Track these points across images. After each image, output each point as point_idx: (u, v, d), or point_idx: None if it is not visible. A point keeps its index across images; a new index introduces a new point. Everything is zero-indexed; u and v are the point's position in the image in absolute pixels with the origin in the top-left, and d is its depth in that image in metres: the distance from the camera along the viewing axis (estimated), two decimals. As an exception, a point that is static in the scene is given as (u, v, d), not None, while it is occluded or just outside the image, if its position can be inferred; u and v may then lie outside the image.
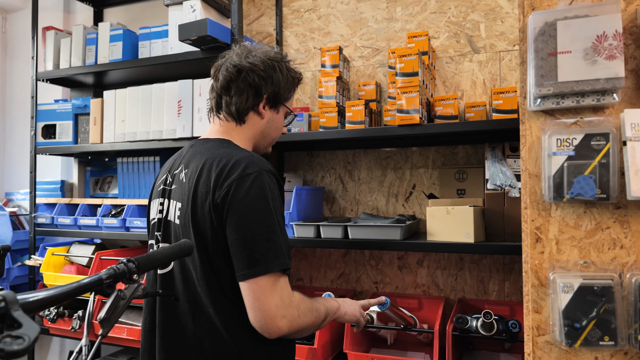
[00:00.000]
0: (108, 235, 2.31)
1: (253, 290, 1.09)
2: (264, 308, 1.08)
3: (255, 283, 1.09)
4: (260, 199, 1.13)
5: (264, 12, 2.53)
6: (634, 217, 1.07)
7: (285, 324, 1.10)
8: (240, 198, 1.12)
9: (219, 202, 1.14)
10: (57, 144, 2.56)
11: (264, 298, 1.08)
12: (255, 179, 1.14)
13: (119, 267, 0.93)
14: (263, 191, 1.14)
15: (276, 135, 1.41)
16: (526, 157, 1.16)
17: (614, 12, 1.05)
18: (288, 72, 1.37)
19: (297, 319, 1.12)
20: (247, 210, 1.12)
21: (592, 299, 1.06)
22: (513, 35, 2.04)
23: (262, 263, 1.09)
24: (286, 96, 1.38)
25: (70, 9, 3.04)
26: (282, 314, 1.09)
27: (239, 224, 1.11)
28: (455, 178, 2.06)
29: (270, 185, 1.16)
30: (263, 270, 1.09)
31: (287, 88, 1.37)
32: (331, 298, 1.39)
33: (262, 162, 1.19)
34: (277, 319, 1.09)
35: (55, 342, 2.94)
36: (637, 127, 1.03)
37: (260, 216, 1.12)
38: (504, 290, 2.04)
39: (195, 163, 1.24)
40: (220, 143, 1.28)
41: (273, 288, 1.09)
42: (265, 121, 1.35)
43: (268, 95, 1.32)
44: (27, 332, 0.60)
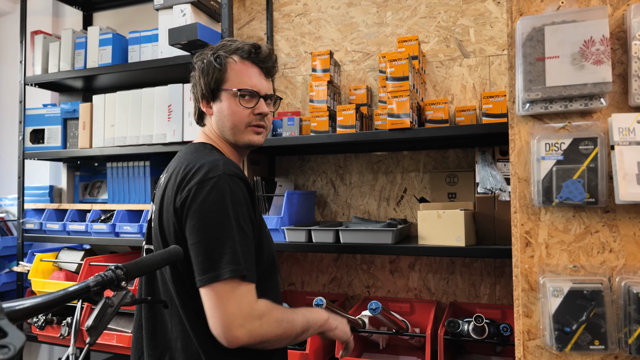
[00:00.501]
0: (97, 240, 2.29)
1: (210, 297, 1.06)
2: (220, 316, 1.05)
3: (211, 289, 1.06)
4: (218, 204, 1.10)
5: (254, 16, 2.52)
6: (622, 221, 1.08)
7: (244, 333, 1.05)
8: (198, 203, 1.10)
9: (179, 207, 1.13)
10: (45, 148, 2.54)
11: (220, 305, 1.05)
12: (216, 184, 1.11)
13: (107, 275, 0.91)
14: (222, 196, 1.11)
15: (235, 121, 1.28)
16: (515, 162, 1.17)
17: (601, 18, 1.06)
18: (214, 59, 1.28)
19: (258, 329, 1.07)
20: (204, 215, 1.10)
21: (582, 303, 1.06)
22: (502, 40, 2.06)
23: (214, 269, 1.06)
24: (218, 81, 1.28)
25: (59, 13, 3.02)
26: (240, 323, 1.05)
27: (195, 228, 1.10)
28: (446, 182, 2.07)
29: (232, 189, 1.13)
30: (215, 277, 1.05)
31: (213, 75, 1.28)
32: (320, 309, 1.31)
33: (226, 166, 1.16)
34: (234, 328, 1.04)
35: (44, 349, 2.90)
36: (625, 132, 1.03)
37: (216, 221, 1.09)
38: (495, 293, 2.05)
39: (172, 167, 1.25)
40: (198, 147, 1.28)
41: (230, 295, 1.05)
42: (213, 117, 1.31)
43: (200, 96, 1.31)
44: (12, 341, 0.59)
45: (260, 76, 1.32)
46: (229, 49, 1.30)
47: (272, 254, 1.30)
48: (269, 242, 1.30)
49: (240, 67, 1.29)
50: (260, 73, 1.32)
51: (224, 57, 1.29)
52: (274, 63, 1.36)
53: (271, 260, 1.28)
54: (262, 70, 1.33)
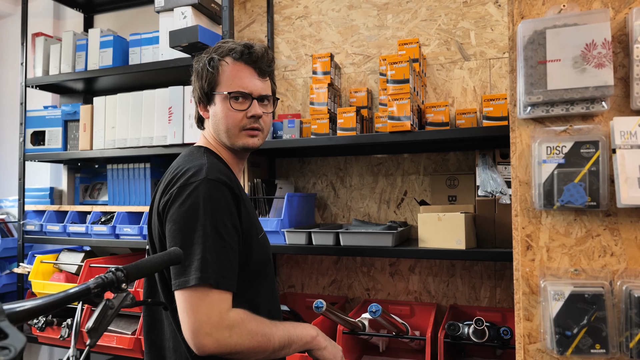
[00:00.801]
0: (98, 242, 2.29)
1: (180, 302, 1.06)
2: (188, 322, 1.04)
3: (182, 295, 1.06)
4: (194, 209, 1.09)
5: (255, 18, 2.53)
6: (624, 225, 1.07)
7: (211, 342, 1.03)
8: (175, 207, 1.11)
9: (161, 210, 1.15)
10: (46, 150, 2.54)
11: (189, 311, 1.04)
12: (195, 189, 1.11)
13: (107, 276, 0.91)
14: (198, 201, 1.10)
15: (228, 124, 1.26)
16: (516, 165, 1.16)
17: (603, 21, 1.06)
18: (207, 62, 1.28)
19: (227, 339, 1.05)
20: (179, 221, 1.10)
21: (583, 306, 1.06)
22: (503, 43, 2.06)
23: (183, 275, 1.06)
24: (211, 85, 1.28)
25: (60, 15, 3.02)
26: (207, 331, 1.03)
27: (171, 233, 1.10)
28: (446, 184, 2.07)
29: (212, 195, 1.11)
30: (183, 283, 1.05)
31: (207, 78, 1.27)
32: (310, 326, 1.24)
33: (211, 171, 1.15)
34: (201, 336, 1.03)
35: (44, 350, 2.89)
36: (626, 135, 1.03)
37: (189, 226, 1.08)
38: (496, 296, 2.04)
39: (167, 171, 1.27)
40: (192, 151, 1.29)
41: (200, 302, 1.04)
42: (210, 120, 1.32)
43: (197, 99, 1.33)
44: (13, 343, 0.59)
45: (253, 77, 1.28)
46: (221, 51, 1.28)
47: (264, 258, 1.28)
48: (263, 246, 1.28)
49: (232, 68, 1.27)
50: (253, 73, 1.29)
51: (217, 59, 1.27)
52: (268, 62, 1.32)
53: (262, 264, 1.26)
54: (256, 70, 1.29)
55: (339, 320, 1.64)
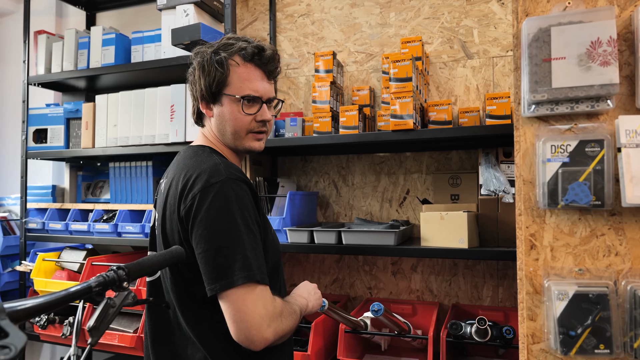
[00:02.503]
0: (100, 240, 2.29)
1: (230, 304, 1.04)
2: (247, 319, 1.03)
3: (231, 295, 1.04)
4: (223, 210, 1.08)
5: (257, 16, 2.52)
6: (628, 224, 1.07)
7: (271, 333, 1.05)
8: (203, 210, 1.08)
9: (183, 216, 1.12)
10: (48, 148, 2.54)
11: (245, 309, 1.03)
12: (219, 190, 1.09)
13: (109, 275, 0.91)
14: (227, 201, 1.08)
15: (237, 127, 1.24)
16: (520, 164, 1.16)
17: (608, 18, 1.05)
18: (214, 58, 1.22)
19: (281, 326, 1.08)
20: (210, 223, 1.07)
21: (587, 306, 1.05)
22: (506, 41, 2.05)
23: (226, 277, 1.04)
24: (220, 84, 1.23)
25: (62, 13, 3.02)
26: (268, 323, 1.05)
27: (202, 237, 1.08)
28: (449, 183, 2.06)
29: (237, 194, 1.10)
30: (228, 284, 1.04)
31: (215, 76, 1.22)
32: (298, 295, 1.30)
33: (228, 171, 1.13)
34: (263, 329, 1.04)
35: (46, 348, 2.90)
36: (632, 134, 1.02)
37: (223, 228, 1.07)
38: (498, 295, 2.04)
39: (172, 173, 1.23)
40: (197, 151, 1.25)
41: (253, 297, 1.05)
42: (214, 120, 1.27)
43: (199, 96, 1.26)
44: (13, 342, 0.59)
45: (263, 80, 1.26)
46: (231, 50, 1.23)
47: (277, 255, 1.29)
48: (274, 243, 1.29)
49: (242, 70, 1.23)
50: (263, 76, 1.26)
51: (225, 58, 1.22)
52: (277, 65, 1.30)
53: (275, 261, 1.27)
54: (265, 73, 1.27)
55: (341, 319, 1.63)
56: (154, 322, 1.25)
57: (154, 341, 1.25)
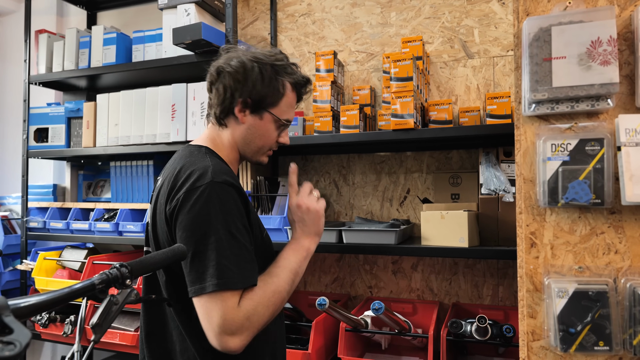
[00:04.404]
0: (101, 239, 2.29)
1: (199, 308, 1.06)
2: (210, 328, 1.04)
3: (199, 301, 1.05)
4: (203, 214, 1.07)
5: (258, 16, 2.53)
6: (628, 223, 1.07)
7: (237, 340, 1.04)
8: (184, 213, 1.08)
9: (169, 216, 1.12)
10: (49, 147, 2.54)
11: (208, 317, 1.04)
12: (202, 193, 1.08)
13: (112, 272, 0.91)
14: (208, 205, 1.07)
15: (263, 144, 1.30)
16: (521, 162, 1.16)
17: (609, 18, 1.06)
18: (275, 76, 1.25)
19: (249, 327, 1.06)
20: (189, 227, 1.08)
21: (587, 304, 1.06)
22: (507, 41, 2.06)
23: (198, 282, 1.05)
24: (270, 101, 1.26)
25: (63, 12, 3.02)
26: (231, 331, 1.04)
27: (182, 239, 1.08)
28: (449, 183, 2.06)
29: (221, 198, 1.09)
30: (200, 290, 1.04)
31: (271, 92, 1.25)
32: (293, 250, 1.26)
33: (216, 174, 1.11)
34: (225, 339, 1.03)
35: (47, 347, 2.90)
36: (632, 133, 1.03)
37: (202, 232, 1.06)
38: (498, 294, 2.04)
39: (167, 172, 1.22)
40: (193, 151, 1.24)
41: (216, 306, 1.04)
42: (244, 127, 1.27)
43: (243, 99, 1.24)
44: (18, 338, 0.59)
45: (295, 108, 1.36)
46: (291, 75, 1.29)
47: (269, 256, 1.28)
48: (267, 244, 1.29)
49: (290, 97, 1.31)
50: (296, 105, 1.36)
51: (282, 81, 1.27)
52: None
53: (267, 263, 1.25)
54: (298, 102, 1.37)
55: (341, 317, 1.64)
56: (149, 318, 1.27)
57: (147, 336, 1.26)
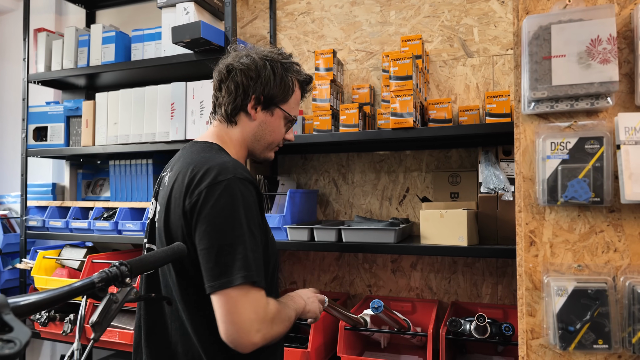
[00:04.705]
0: (100, 238, 2.29)
1: (224, 303, 1.04)
2: (237, 321, 1.03)
3: (224, 295, 1.04)
4: (228, 209, 1.08)
5: (257, 14, 2.52)
6: (627, 221, 1.07)
7: (260, 338, 1.05)
8: (208, 207, 1.08)
9: (188, 211, 1.11)
10: (48, 146, 2.54)
11: (235, 311, 1.03)
12: (226, 188, 1.09)
13: (112, 271, 0.91)
14: (232, 200, 1.09)
15: (273, 140, 1.35)
16: (520, 161, 1.16)
17: (608, 16, 1.06)
18: (285, 73, 1.30)
19: (270, 331, 1.08)
20: (215, 220, 1.08)
21: (586, 302, 1.06)
22: (506, 40, 2.06)
23: (226, 275, 1.04)
24: (281, 98, 1.31)
25: (62, 10, 3.02)
26: (257, 328, 1.04)
27: (205, 234, 1.08)
28: (448, 181, 2.07)
29: (243, 193, 1.11)
30: (227, 283, 1.04)
31: (282, 89, 1.30)
32: (297, 296, 1.32)
33: (236, 170, 1.13)
34: (252, 334, 1.04)
35: (47, 345, 2.90)
36: (631, 131, 1.03)
37: (227, 226, 1.07)
38: (497, 293, 2.05)
39: (177, 167, 1.22)
40: (205, 147, 1.25)
41: (245, 300, 1.04)
42: (256, 123, 1.30)
43: (257, 95, 1.27)
44: (18, 336, 0.59)
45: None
46: (298, 74, 1.35)
47: (276, 258, 1.30)
48: (273, 246, 1.30)
49: (297, 94, 1.38)
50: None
51: (292, 78, 1.33)
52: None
53: (273, 264, 1.28)
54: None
55: (340, 316, 1.64)
56: (150, 317, 1.25)
57: (148, 335, 1.24)
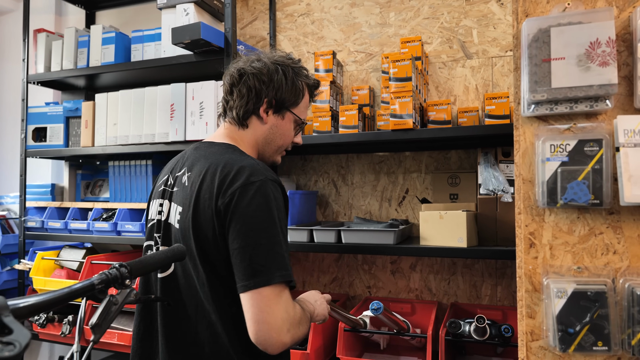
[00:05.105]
0: (99, 239, 2.29)
1: (256, 302, 1.04)
2: (270, 321, 1.03)
3: (258, 294, 1.04)
4: (263, 209, 1.10)
5: (257, 16, 2.52)
6: (626, 223, 1.08)
7: (290, 338, 1.06)
8: (243, 207, 1.09)
9: (221, 210, 1.11)
10: (47, 147, 2.54)
11: (269, 310, 1.03)
12: (259, 188, 1.11)
13: (111, 272, 0.91)
14: (267, 200, 1.10)
15: (283, 143, 1.37)
16: (520, 163, 1.16)
17: (607, 19, 1.06)
18: (295, 77, 1.32)
19: (297, 332, 1.10)
20: (250, 220, 1.08)
21: (586, 304, 1.06)
22: (505, 42, 2.06)
23: (263, 274, 1.05)
24: (292, 102, 1.33)
25: (62, 11, 3.02)
26: (288, 327, 1.05)
27: (240, 233, 1.08)
28: (448, 183, 2.07)
29: (274, 195, 1.13)
30: (264, 282, 1.04)
31: (293, 93, 1.32)
32: (307, 301, 1.33)
33: (266, 171, 1.16)
34: (283, 333, 1.04)
35: (45, 347, 2.90)
36: (630, 133, 1.03)
37: (262, 226, 1.09)
38: (497, 294, 2.05)
39: (199, 167, 1.21)
40: (226, 148, 1.25)
41: (278, 300, 1.05)
42: (267, 127, 1.32)
43: (269, 99, 1.29)
44: (17, 339, 0.59)
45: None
46: (307, 78, 1.37)
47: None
48: None
49: (307, 98, 1.39)
50: None
51: (301, 82, 1.35)
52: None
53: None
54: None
55: (340, 317, 1.64)
56: (168, 321, 1.21)
57: (168, 340, 1.20)
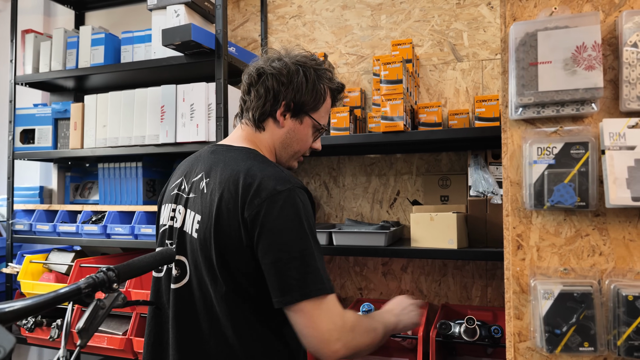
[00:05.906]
0: (88, 242, 2.27)
1: (300, 317, 1.04)
2: (314, 334, 1.03)
3: (299, 309, 1.03)
4: (292, 220, 1.06)
5: (248, 17, 2.52)
6: (612, 225, 1.09)
7: (341, 346, 1.04)
8: (272, 219, 1.05)
9: (249, 222, 1.07)
10: (36, 149, 2.51)
11: (311, 324, 1.03)
12: (287, 198, 1.07)
13: (99, 276, 0.91)
14: (296, 210, 1.06)
15: (300, 148, 1.31)
16: (508, 165, 1.17)
17: (593, 24, 1.07)
18: (317, 80, 1.25)
19: (352, 341, 1.07)
20: (280, 233, 1.05)
21: (572, 305, 1.07)
22: (495, 45, 2.07)
23: (298, 289, 1.03)
24: (311, 106, 1.26)
25: (50, 12, 2.99)
26: (337, 336, 1.04)
27: (271, 247, 1.05)
28: (438, 185, 2.08)
29: (303, 203, 1.09)
30: (300, 297, 1.02)
31: (313, 97, 1.25)
32: (387, 311, 1.31)
33: (292, 178, 1.12)
34: (332, 343, 1.03)
35: (33, 351, 2.87)
36: (615, 137, 1.04)
37: (293, 238, 1.05)
38: (487, 295, 2.06)
39: (219, 174, 1.15)
40: (246, 153, 1.19)
41: (320, 312, 1.03)
42: (284, 130, 1.26)
43: (287, 102, 1.23)
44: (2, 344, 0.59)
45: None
46: (330, 81, 1.30)
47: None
48: None
49: (328, 103, 1.32)
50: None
51: (324, 86, 1.28)
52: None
53: None
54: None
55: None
56: (182, 333, 1.16)
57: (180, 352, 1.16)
